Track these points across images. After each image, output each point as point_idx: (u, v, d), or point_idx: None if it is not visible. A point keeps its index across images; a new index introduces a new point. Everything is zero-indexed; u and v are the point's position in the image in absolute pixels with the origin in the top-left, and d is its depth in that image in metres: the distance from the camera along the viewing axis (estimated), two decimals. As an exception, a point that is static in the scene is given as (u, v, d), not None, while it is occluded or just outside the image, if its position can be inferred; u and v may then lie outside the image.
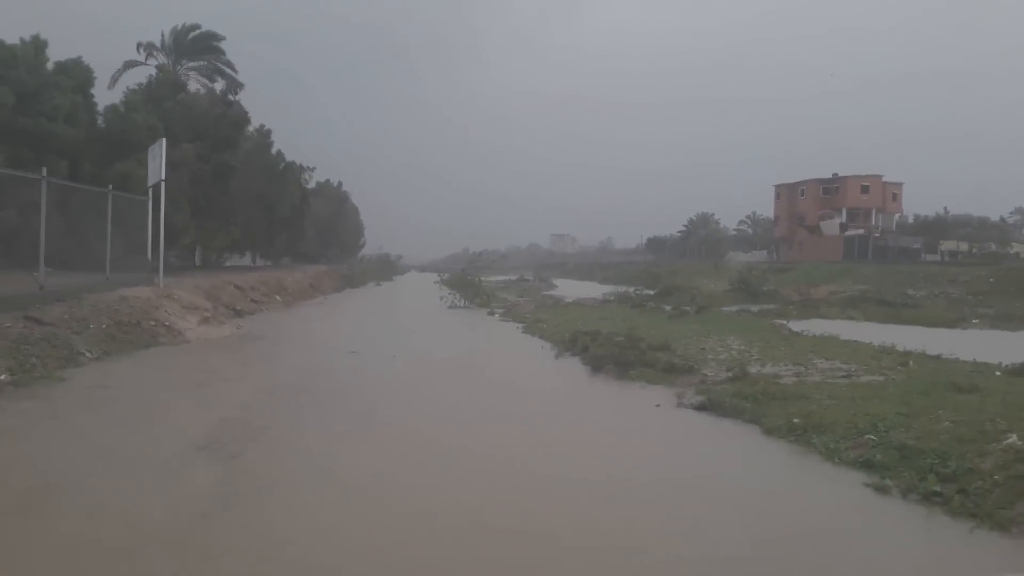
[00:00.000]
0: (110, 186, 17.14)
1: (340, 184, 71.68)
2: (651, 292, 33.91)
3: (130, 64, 35.95)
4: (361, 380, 11.84)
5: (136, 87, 31.13)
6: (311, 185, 41.94)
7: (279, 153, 40.37)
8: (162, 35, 37.24)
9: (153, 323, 14.93)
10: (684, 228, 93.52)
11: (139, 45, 36.37)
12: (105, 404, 8.90)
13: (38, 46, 23.67)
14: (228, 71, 38.21)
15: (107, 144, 25.32)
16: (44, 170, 13.57)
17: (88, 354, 11.72)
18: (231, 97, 35.46)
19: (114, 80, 34.83)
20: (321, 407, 9.41)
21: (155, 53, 36.67)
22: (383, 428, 8.42)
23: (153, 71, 34.01)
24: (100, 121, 26.70)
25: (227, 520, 5.16)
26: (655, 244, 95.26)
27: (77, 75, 24.70)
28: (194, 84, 36.18)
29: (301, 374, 11.97)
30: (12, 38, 23.05)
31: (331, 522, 5.19)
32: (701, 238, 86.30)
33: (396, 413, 9.28)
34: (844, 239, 60.58)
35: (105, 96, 29.82)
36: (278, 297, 28.59)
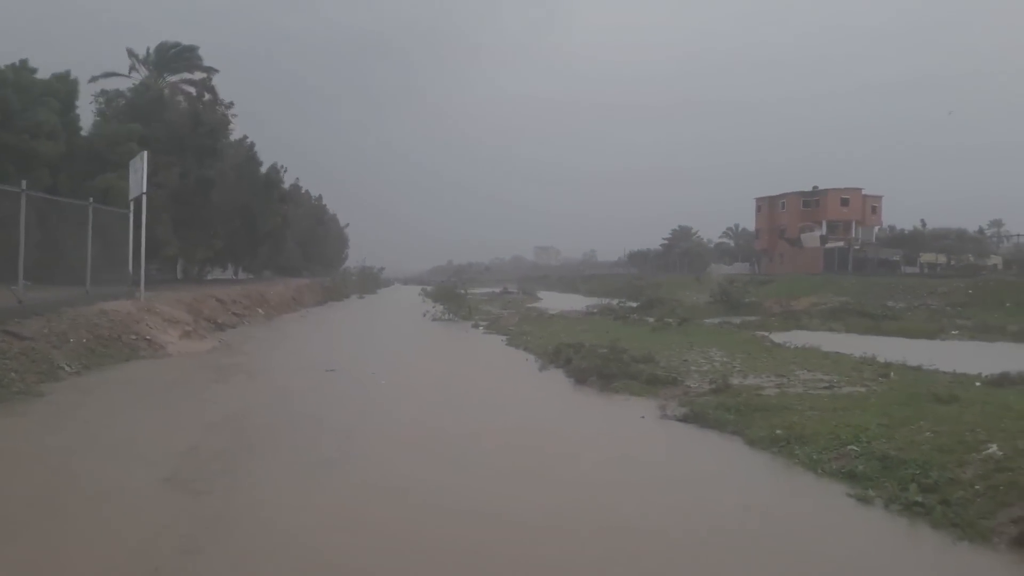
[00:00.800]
0: (91, 199, 16.94)
1: (320, 197, 71.43)
2: (634, 304, 34.01)
3: (111, 74, 36.19)
4: (343, 401, 11.26)
5: (117, 93, 31.32)
6: (286, 185, 41.52)
7: (270, 167, 40.40)
8: (147, 50, 38.03)
9: (134, 337, 14.80)
10: (666, 240, 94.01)
11: (128, 52, 37.10)
12: (78, 426, 8.57)
13: (26, 69, 23.73)
14: (209, 79, 38.49)
15: (89, 158, 25.14)
16: (23, 183, 13.38)
17: (68, 368, 11.58)
18: (208, 98, 35.57)
19: (94, 79, 34.92)
20: (299, 431, 8.87)
21: (138, 66, 37.04)
22: (364, 454, 7.80)
23: (132, 84, 34.09)
24: (83, 132, 26.62)
25: (184, 572, 4.65)
26: (637, 257, 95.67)
27: (63, 88, 24.59)
28: (175, 95, 36.37)
29: (281, 393, 11.61)
30: (8, 34, 23.20)
31: (304, 568, 4.77)
32: (683, 250, 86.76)
33: (378, 437, 8.77)
34: (824, 251, 61.12)
35: (89, 102, 29.84)
36: (260, 310, 28.40)
